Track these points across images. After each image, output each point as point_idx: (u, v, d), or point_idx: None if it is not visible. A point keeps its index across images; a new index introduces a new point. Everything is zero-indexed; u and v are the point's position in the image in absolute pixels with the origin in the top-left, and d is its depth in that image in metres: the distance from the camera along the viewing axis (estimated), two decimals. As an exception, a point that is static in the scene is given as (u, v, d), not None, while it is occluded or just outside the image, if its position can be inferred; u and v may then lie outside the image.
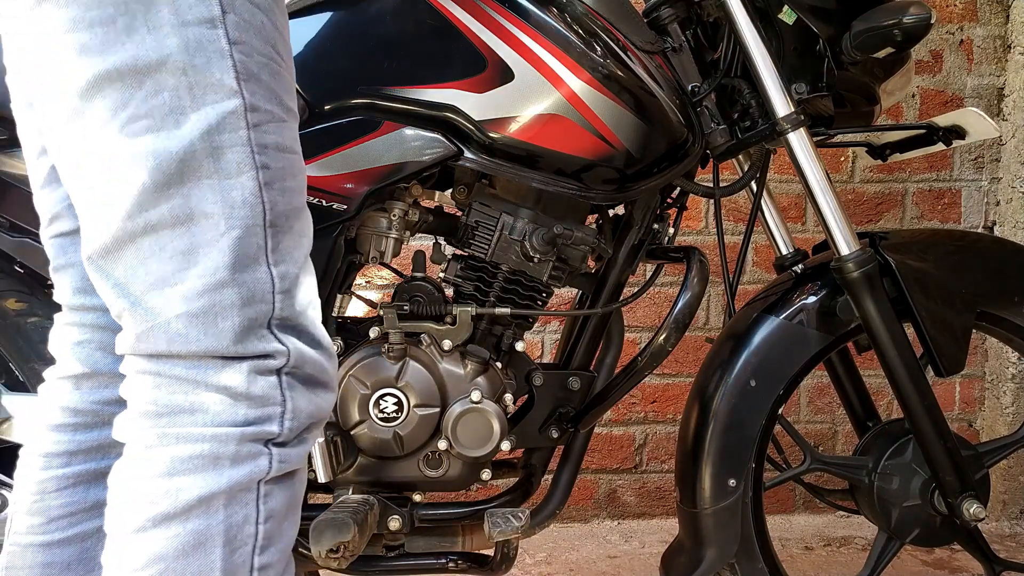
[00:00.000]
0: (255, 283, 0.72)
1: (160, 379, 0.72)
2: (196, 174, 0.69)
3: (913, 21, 1.14)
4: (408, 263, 1.30)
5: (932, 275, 1.27)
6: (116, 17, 0.66)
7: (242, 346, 0.72)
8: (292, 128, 0.76)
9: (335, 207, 1.15)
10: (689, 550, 1.31)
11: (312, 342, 0.77)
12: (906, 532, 1.31)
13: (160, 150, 0.68)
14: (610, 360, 1.36)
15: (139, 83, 0.67)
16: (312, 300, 0.78)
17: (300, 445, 0.76)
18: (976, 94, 2.27)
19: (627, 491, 2.25)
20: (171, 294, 0.70)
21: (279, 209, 0.73)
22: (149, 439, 0.72)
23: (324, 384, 0.78)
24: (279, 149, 0.74)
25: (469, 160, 1.16)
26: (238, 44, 0.70)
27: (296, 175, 0.76)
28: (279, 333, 0.74)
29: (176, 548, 0.70)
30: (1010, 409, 2.24)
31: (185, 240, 0.70)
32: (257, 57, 0.72)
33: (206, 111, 0.69)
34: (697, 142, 1.25)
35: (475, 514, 1.26)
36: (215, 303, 0.70)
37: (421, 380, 1.20)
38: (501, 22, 1.14)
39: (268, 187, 0.72)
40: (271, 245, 0.73)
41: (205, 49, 0.69)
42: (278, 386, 0.74)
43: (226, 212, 0.70)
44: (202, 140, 0.69)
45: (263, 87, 0.72)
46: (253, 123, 0.71)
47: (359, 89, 1.16)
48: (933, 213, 2.29)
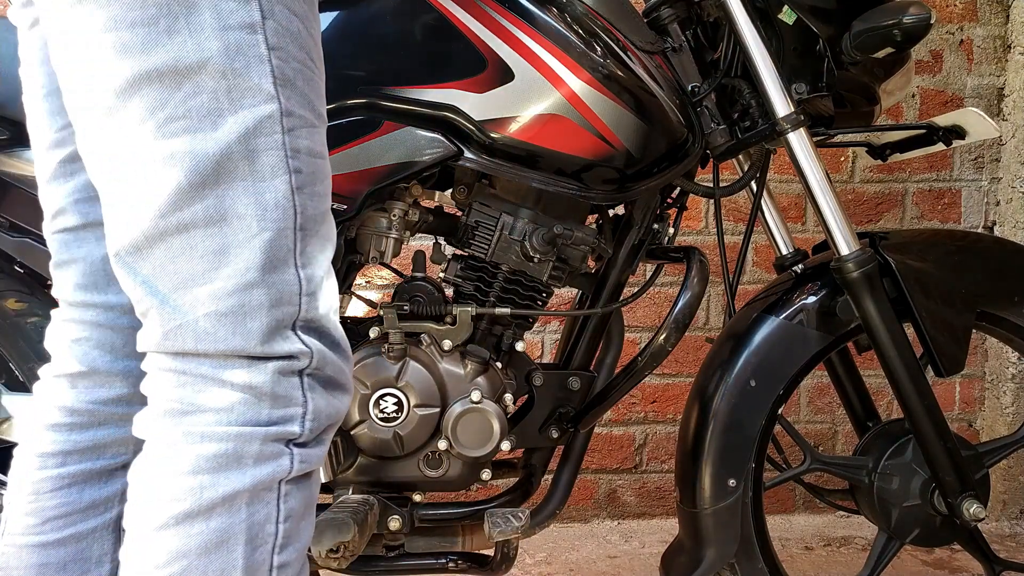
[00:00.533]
0: (284, 285, 0.73)
1: (185, 377, 0.72)
2: (231, 176, 0.70)
3: (913, 21, 1.14)
4: (408, 263, 1.30)
5: (932, 275, 1.27)
6: (158, 18, 0.67)
7: (268, 346, 0.72)
8: (322, 133, 0.77)
9: (335, 207, 1.14)
10: (689, 550, 1.31)
11: (333, 344, 0.78)
12: (906, 532, 1.31)
13: (197, 151, 0.69)
14: (610, 360, 1.36)
15: (178, 84, 0.68)
16: (334, 303, 0.78)
17: (319, 446, 0.77)
18: (976, 94, 2.27)
19: (627, 491, 2.25)
20: (200, 293, 0.71)
21: (309, 213, 0.74)
22: (173, 437, 0.72)
23: (342, 386, 0.79)
24: (311, 154, 0.75)
25: (469, 160, 1.16)
26: (276, 50, 0.71)
27: (324, 180, 0.77)
28: (303, 335, 0.75)
29: (199, 545, 0.71)
30: (1010, 409, 2.24)
31: (217, 240, 0.70)
32: (293, 63, 0.73)
33: (243, 115, 0.70)
34: (697, 142, 1.25)
35: (475, 514, 1.26)
36: (244, 303, 0.71)
37: (421, 380, 1.20)
38: (501, 22, 1.14)
39: (300, 191, 0.73)
40: (300, 248, 0.74)
41: (245, 53, 0.70)
42: (300, 387, 0.74)
43: (259, 214, 0.71)
44: (239, 143, 0.70)
45: (298, 93, 0.73)
46: (288, 128, 0.72)
47: (359, 89, 1.16)
48: (933, 213, 2.29)
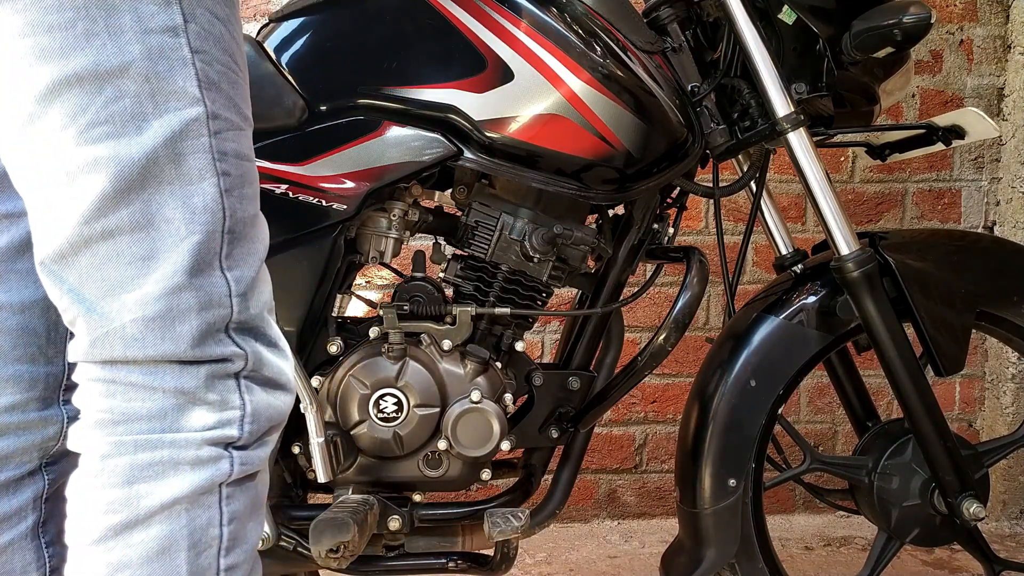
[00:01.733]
0: (211, 287, 0.72)
1: (115, 386, 0.71)
2: (158, 180, 0.69)
3: (913, 21, 1.14)
4: (408, 263, 1.30)
5: (932, 275, 1.27)
6: (76, 21, 0.66)
7: (200, 350, 0.71)
8: (249, 136, 0.77)
9: (335, 207, 1.15)
10: (689, 550, 1.31)
11: (269, 344, 0.77)
12: (906, 532, 1.31)
13: (121, 156, 0.68)
14: (610, 360, 1.36)
15: (99, 89, 0.67)
16: (267, 303, 0.77)
17: (261, 447, 0.76)
18: (976, 94, 2.26)
19: (627, 491, 2.25)
20: (128, 299, 0.70)
21: (238, 216, 0.73)
22: (105, 448, 0.71)
23: (282, 386, 0.78)
24: (238, 156, 0.74)
25: (469, 160, 1.16)
26: (199, 53, 0.71)
27: (252, 182, 0.77)
28: (237, 337, 0.74)
29: (140, 555, 0.70)
30: (1010, 409, 2.24)
31: (144, 245, 0.70)
32: (217, 66, 0.72)
33: (168, 118, 0.69)
34: (697, 142, 1.25)
35: (475, 514, 1.26)
36: (173, 307, 0.70)
37: (421, 380, 1.20)
38: (501, 22, 1.14)
39: (228, 194, 0.72)
40: (227, 251, 0.73)
41: (168, 57, 0.69)
42: (237, 389, 0.74)
43: (187, 217, 0.70)
44: (164, 147, 0.69)
45: (223, 96, 0.73)
46: (214, 130, 0.72)
47: (359, 89, 1.16)
48: (933, 213, 2.29)
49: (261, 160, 1.13)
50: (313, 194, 1.14)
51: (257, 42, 1.19)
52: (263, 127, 1.15)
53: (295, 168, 1.14)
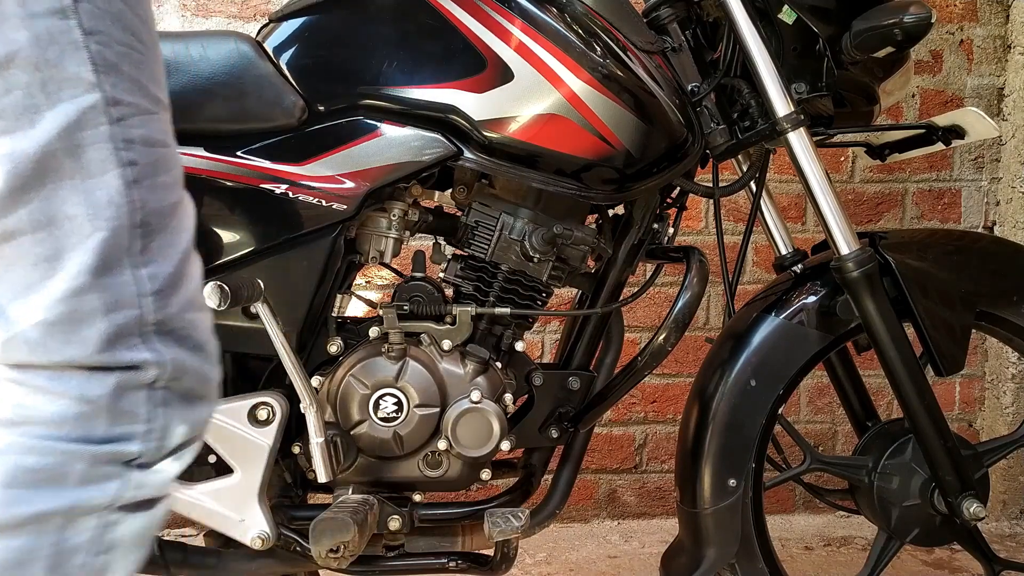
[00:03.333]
0: (120, 287, 0.67)
1: (24, 389, 0.67)
2: (56, 175, 0.65)
3: (913, 21, 1.14)
4: (408, 263, 1.30)
5: (932, 275, 1.27)
6: None
7: (108, 355, 0.66)
8: (163, 120, 0.71)
9: (335, 207, 1.15)
10: (689, 550, 1.31)
11: (194, 347, 0.71)
12: (906, 532, 1.31)
13: (15, 152, 0.63)
14: (610, 360, 1.36)
15: None
16: (193, 300, 0.72)
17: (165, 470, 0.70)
18: (976, 94, 2.27)
19: (627, 491, 2.25)
20: (32, 301, 0.66)
21: (151, 207, 0.68)
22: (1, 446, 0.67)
23: (203, 397, 0.72)
24: (147, 143, 0.69)
25: (469, 160, 1.16)
26: (94, 34, 0.65)
27: (169, 169, 0.71)
28: (155, 341, 0.68)
29: None
30: (1010, 409, 2.24)
31: (48, 245, 0.65)
32: (117, 47, 0.67)
33: (63, 108, 0.64)
34: (697, 142, 1.25)
35: (475, 514, 1.26)
36: (76, 309, 0.65)
37: (421, 380, 1.20)
38: (501, 22, 1.14)
39: (137, 184, 0.67)
40: (140, 245, 0.68)
41: (57, 41, 0.64)
42: (146, 402, 0.68)
43: (90, 213, 0.66)
44: (60, 139, 0.64)
45: (125, 79, 0.67)
46: (116, 117, 0.67)
47: (359, 89, 1.16)
48: (933, 213, 2.29)
49: (261, 160, 1.13)
50: (313, 194, 1.14)
51: (257, 42, 1.18)
52: (263, 127, 1.15)
53: (295, 168, 1.14)
